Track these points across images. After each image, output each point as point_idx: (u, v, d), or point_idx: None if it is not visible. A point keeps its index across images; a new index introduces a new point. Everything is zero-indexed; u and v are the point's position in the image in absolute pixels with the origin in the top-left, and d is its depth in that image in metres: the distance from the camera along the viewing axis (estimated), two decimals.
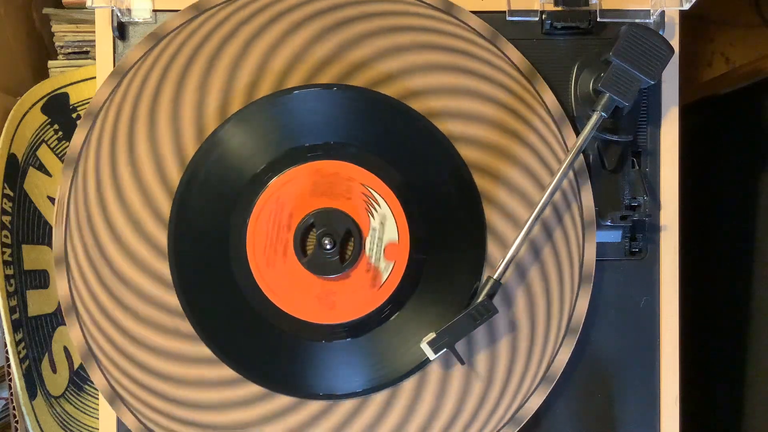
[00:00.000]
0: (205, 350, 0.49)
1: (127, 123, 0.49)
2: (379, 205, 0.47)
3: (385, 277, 0.48)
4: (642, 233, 0.51)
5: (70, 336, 0.49)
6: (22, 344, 0.56)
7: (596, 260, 0.50)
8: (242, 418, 0.49)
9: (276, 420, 0.49)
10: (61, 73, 0.62)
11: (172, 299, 0.49)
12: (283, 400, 0.49)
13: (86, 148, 0.49)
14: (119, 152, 0.49)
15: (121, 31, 0.51)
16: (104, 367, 0.49)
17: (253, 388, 0.49)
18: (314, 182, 0.48)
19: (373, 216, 0.48)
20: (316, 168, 0.48)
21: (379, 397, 0.49)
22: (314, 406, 0.49)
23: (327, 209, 0.47)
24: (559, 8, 0.51)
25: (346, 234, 0.47)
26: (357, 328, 0.48)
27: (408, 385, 0.49)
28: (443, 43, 0.49)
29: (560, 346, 0.50)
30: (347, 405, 0.49)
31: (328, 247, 0.47)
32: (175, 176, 0.49)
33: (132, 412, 0.49)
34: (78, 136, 0.49)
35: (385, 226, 0.47)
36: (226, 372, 0.49)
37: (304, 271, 0.47)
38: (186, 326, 0.49)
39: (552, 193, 0.47)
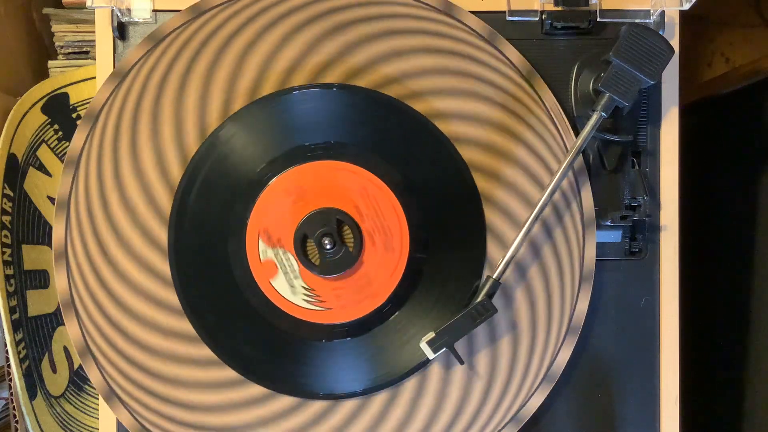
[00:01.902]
0: (203, 350, 0.49)
1: (130, 122, 0.49)
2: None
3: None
4: (642, 233, 0.51)
5: (68, 333, 0.49)
6: (22, 344, 0.56)
7: (596, 260, 0.50)
8: (242, 419, 0.49)
9: (276, 422, 0.49)
10: (61, 73, 0.62)
11: (173, 298, 0.49)
12: (282, 402, 0.49)
13: (88, 148, 0.49)
14: (122, 151, 0.49)
15: (121, 31, 0.51)
16: (101, 365, 0.49)
17: (253, 390, 0.49)
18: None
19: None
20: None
21: (380, 397, 0.49)
22: (314, 407, 0.49)
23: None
24: (559, 8, 0.51)
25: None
26: (357, 328, 0.48)
27: (409, 384, 0.49)
28: (443, 44, 0.49)
29: (561, 345, 0.50)
30: (348, 405, 0.49)
31: (328, 247, 0.47)
32: (177, 175, 0.49)
33: (129, 411, 0.49)
34: (78, 137, 0.49)
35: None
36: (226, 373, 0.49)
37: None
38: (185, 324, 0.49)
39: (551, 193, 0.47)
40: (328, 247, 0.47)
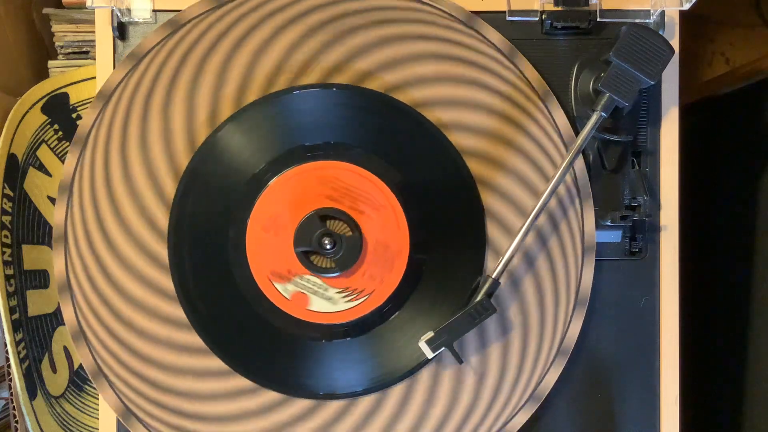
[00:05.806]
0: (209, 361, 0.49)
1: (119, 142, 0.49)
2: None
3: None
4: (642, 233, 0.51)
5: (80, 358, 0.49)
6: (22, 344, 0.56)
7: (596, 260, 0.50)
8: (257, 426, 0.49)
9: (293, 425, 0.49)
10: (61, 73, 0.62)
11: (179, 312, 0.49)
12: (292, 409, 0.49)
13: (79, 172, 0.49)
14: (113, 173, 0.49)
15: (121, 31, 0.51)
16: (115, 386, 0.49)
17: (267, 396, 0.49)
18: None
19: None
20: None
21: (394, 395, 0.49)
22: (329, 409, 0.49)
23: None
24: (559, 8, 0.51)
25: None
26: (357, 328, 0.48)
27: (422, 379, 0.49)
28: (424, 31, 0.49)
29: (571, 318, 0.50)
30: (364, 403, 0.49)
31: (329, 247, 0.47)
32: (170, 189, 0.49)
33: (146, 427, 0.49)
34: (69, 162, 0.49)
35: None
36: (235, 382, 0.49)
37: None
38: (196, 338, 0.49)
39: (551, 193, 0.47)
40: (329, 247, 0.47)
